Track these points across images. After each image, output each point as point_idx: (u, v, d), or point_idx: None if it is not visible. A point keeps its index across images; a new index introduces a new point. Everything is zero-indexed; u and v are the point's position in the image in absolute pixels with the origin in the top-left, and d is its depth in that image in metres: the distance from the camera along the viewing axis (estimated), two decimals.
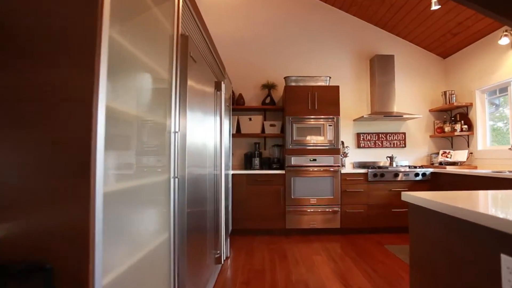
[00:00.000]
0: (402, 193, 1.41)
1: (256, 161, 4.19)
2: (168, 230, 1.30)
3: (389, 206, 3.85)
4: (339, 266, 2.72)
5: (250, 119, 4.20)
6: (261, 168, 4.20)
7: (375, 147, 4.47)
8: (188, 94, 1.48)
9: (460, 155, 3.91)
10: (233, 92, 4.37)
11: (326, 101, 3.95)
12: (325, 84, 4.08)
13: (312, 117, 3.92)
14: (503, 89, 3.57)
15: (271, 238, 3.70)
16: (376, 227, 3.89)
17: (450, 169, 3.73)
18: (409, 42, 4.55)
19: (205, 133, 1.91)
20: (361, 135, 4.48)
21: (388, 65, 4.30)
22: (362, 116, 4.11)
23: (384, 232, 3.89)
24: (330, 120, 3.93)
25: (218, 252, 2.31)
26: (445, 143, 4.46)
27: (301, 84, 4.07)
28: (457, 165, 3.92)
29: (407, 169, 3.87)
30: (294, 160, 3.88)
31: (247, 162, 4.27)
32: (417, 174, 3.85)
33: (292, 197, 3.84)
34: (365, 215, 3.85)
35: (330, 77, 4.09)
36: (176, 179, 1.34)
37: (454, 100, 4.09)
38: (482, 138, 3.84)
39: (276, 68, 4.54)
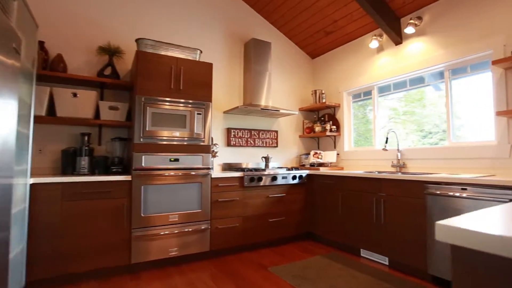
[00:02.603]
0: (438, 225, 0.60)
1: (84, 161, 2.66)
2: None
3: (267, 215, 3.23)
4: None
5: (75, 95, 2.63)
6: (91, 172, 2.70)
7: (247, 145, 3.82)
8: None
9: (329, 156, 3.79)
10: (45, 50, 2.66)
11: (196, 81, 2.94)
12: (195, 59, 3.07)
13: (175, 100, 2.82)
14: (367, 93, 3.67)
15: (106, 284, 2.30)
16: (253, 242, 3.18)
17: (324, 170, 3.51)
18: (284, 35, 4.21)
19: None
20: (232, 130, 3.73)
21: (265, 53, 3.77)
22: (237, 107, 3.36)
23: (261, 247, 3.23)
24: (199, 107, 2.94)
25: None
26: (312, 143, 4.36)
27: (162, 52, 2.88)
28: (328, 166, 3.79)
29: (285, 171, 3.38)
30: (147, 161, 2.64)
31: (68, 164, 2.66)
32: (294, 177, 3.42)
33: (142, 214, 2.58)
34: (241, 230, 3.06)
35: (201, 51, 3.11)
36: None
37: (324, 99, 3.99)
38: (348, 139, 3.86)
39: (124, 28, 3.14)
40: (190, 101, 2.89)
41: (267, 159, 3.65)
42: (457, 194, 2.08)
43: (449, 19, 2.74)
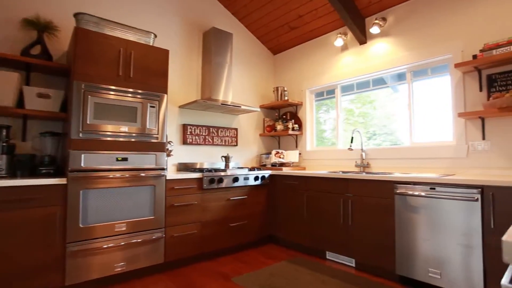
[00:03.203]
0: (507, 243, 0.41)
1: (0, 161, 2.12)
2: None
3: (227, 220, 2.98)
4: None
5: None
6: (12, 174, 2.17)
7: (205, 144, 3.52)
8: None
9: (291, 156, 3.67)
10: None
11: (149, 68, 2.56)
12: (149, 43, 2.68)
13: (123, 89, 2.41)
14: (330, 92, 3.63)
15: None
16: (213, 250, 2.90)
17: (287, 170, 3.38)
18: (245, 28, 3.99)
19: None
20: (189, 127, 3.40)
21: (226, 44, 3.50)
22: (195, 101, 3.03)
23: (222, 255, 2.96)
24: (153, 98, 2.57)
25: None
26: (273, 142, 4.21)
27: (107, 32, 2.44)
28: (290, 166, 3.67)
29: (247, 172, 3.16)
30: (87, 160, 2.20)
31: None
32: (256, 178, 3.22)
33: (81, 225, 2.14)
34: (199, 237, 2.76)
35: (155, 36, 2.73)
36: None
37: (286, 97, 3.87)
38: (310, 139, 3.79)
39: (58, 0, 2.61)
40: (142, 92, 2.50)
41: (227, 158, 3.39)
42: (426, 194, 2.08)
43: (412, 22, 2.80)
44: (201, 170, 3.03)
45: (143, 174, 2.46)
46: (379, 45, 3.06)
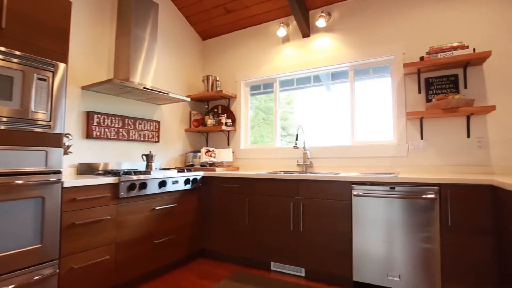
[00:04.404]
0: None
1: None
2: None
3: (152, 236, 2.32)
4: None
5: None
6: None
7: (117, 138, 2.73)
8: None
9: (224, 155, 3.23)
10: None
11: (38, 22, 1.73)
12: None
13: None
14: (268, 85, 3.35)
15: None
16: (133, 278, 2.20)
17: (221, 171, 2.92)
18: (171, 2, 3.33)
19: None
20: (96, 116, 2.57)
21: (149, 15, 2.80)
22: (110, 81, 2.26)
23: (145, 281, 2.27)
24: (43, 67, 1.74)
25: None
26: (200, 139, 3.66)
27: None
28: (223, 166, 3.22)
29: (176, 173, 2.56)
30: None
31: None
32: (187, 181, 2.65)
33: None
34: (113, 264, 2.03)
35: None
36: None
37: (219, 87, 3.40)
38: (244, 136, 3.42)
39: None
40: (24, 55, 1.66)
41: (149, 157, 2.70)
42: (386, 194, 2.00)
43: (357, 21, 2.78)
44: (115, 173, 2.28)
45: (19, 182, 1.61)
46: (323, 40, 2.95)
